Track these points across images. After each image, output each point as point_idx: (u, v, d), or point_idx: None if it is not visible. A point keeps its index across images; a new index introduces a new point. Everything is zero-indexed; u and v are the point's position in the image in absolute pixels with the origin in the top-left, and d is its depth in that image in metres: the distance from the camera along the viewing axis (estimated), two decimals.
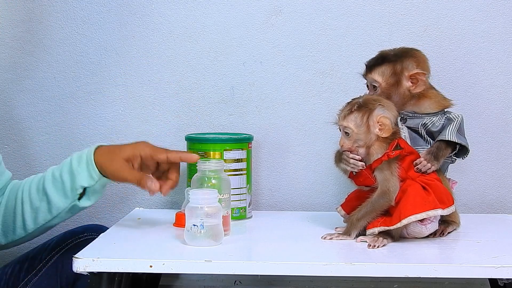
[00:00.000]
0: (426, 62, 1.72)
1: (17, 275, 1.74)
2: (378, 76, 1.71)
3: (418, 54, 1.72)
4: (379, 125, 1.61)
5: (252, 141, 1.91)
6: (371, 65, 1.72)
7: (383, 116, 1.61)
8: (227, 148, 1.84)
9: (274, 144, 2.05)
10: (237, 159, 1.85)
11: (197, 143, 1.85)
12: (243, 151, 1.86)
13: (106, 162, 1.67)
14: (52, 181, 1.69)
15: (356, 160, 1.63)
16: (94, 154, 1.67)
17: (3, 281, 1.77)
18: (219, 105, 2.04)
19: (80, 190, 1.68)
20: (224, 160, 1.81)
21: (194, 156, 1.72)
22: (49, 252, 1.78)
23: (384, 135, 1.61)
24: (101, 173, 1.67)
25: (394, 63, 1.70)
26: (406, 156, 1.62)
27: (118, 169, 1.66)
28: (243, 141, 1.87)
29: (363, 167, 1.63)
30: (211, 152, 1.83)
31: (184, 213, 1.61)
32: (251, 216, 1.89)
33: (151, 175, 1.68)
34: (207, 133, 1.94)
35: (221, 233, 1.58)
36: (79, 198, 1.69)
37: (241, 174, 1.85)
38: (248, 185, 1.88)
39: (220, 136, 1.89)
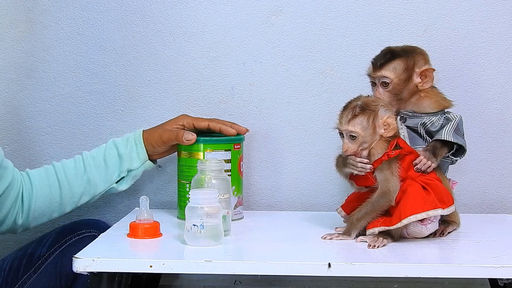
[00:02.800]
0: (429, 61, 1.73)
1: (16, 272, 1.74)
2: (390, 72, 1.70)
3: (424, 52, 1.73)
4: (384, 125, 1.61)
5: (243, 142, 1.88)
6: (382, 62, 1.71)
7: (390, 117, 1.61)
8: (208, 149, 1.81)
9: (274, 144, 2.05)
10: (220, 160, 1.79)
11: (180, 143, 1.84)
12: (227, 152, 1.83)
13: (151, 134, 1.85)
14: (94, 165, 1.84)
15: (364, 163, 1.62)
16: (142, 135, 1.86)
17: (2, 278, 1.77)
18: (219, 105, 2.04)
19: (125, 174, 1.85)
20: (206, 161, 1.76)
21: (232, 131, 1.85)
22: (48, 248, 1.78)
23: (389, 135, 1.61)
24: (147, 153, 1.85)
25: (406, 59, 1.70)
26: (406, 156, 1.63)
27: (161, 134, 1.84)
28: (227, 142, 1.84)
29: (371, 169, 1.62)
30: (194, 152, 1.82)
31: (139, 223, 1.64)
32: (242, 217, 1.87)
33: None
34: (200, 134, 1.89)
35: (221, 233, 1.58)
36: (117, 181, 1.86)
37: None
38: (234, 186, 1.84)
39: (206, 137, 1.85)
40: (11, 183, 1.76)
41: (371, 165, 1.62)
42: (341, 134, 1.65)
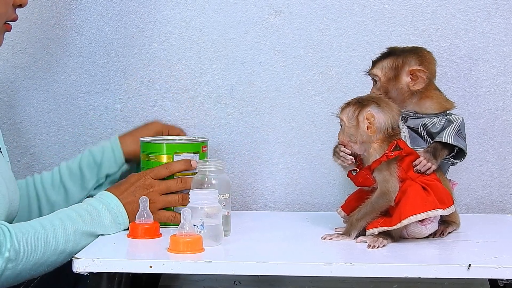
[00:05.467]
0: (431, 63, 1.72)
1: None
2: (378, 70, 1.72)
3: (425, 54, 1.73)
4: (368, 122, 1.61)
5: (207, 145, 1.82)
6: (375, 60, 1.74)
7: (370, 113, 1.61)
8: (177, 151, 1.76)
9: (273, 144, 2.05)
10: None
11: (148, 146, 1.78)
12: (195, 154, 1.79)
13: (128, 140, 1.86)
14: (70, 175, 1.85)
15: (346, 153, 1.63)
16: (119, 140, 1.85)
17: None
18: (218, 106, 2.04)
19: (103, 180, 1.84)
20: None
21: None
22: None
23: (371, 134, 1.61)
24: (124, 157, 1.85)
25: (396, 58, 1.71)
26: (406, 157, 1.62)
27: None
28: (195, 144, 1.78)
29: (352, 161, 1.63)
30: (162, 156, 1.76)
31: (139, 223, 1.63)
32: None
33: None
34: (162, 138, 1.86)
35: (221, 233, 1.58)
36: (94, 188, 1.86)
37: None
38: None
39: (172, 140, 1.83)
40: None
41: (352, 157, 1.63)
42: None
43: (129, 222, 1.65)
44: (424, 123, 1.70)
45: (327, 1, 2.01)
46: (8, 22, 1.67)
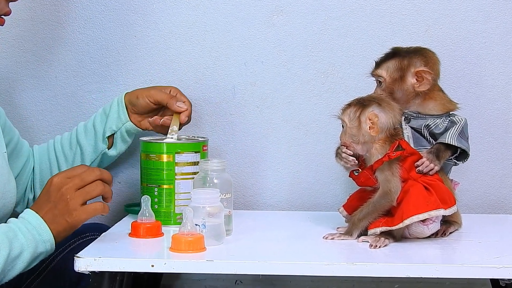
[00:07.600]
0: (436, 64, 1.72)
1: (20, 276, 1.73)
2: (383, 71, 1.72)
3: (430, 54, 1.73)
4: (371, 122, 1.61)
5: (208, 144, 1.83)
6: (379, 61, 1.73)
7: (373, 113, 1.61)
8: (179, 150, 1.77)
9: (275, 144, 2.05)
10: (190, 162, 1.77)
11: (149, 145, 1.78)
12: (196, 154, 1.79)
13: (135, 93, 1.85)
14: (85, 132, 1.86)
15: (348, 155, 1.63)
16: (124, 96, 1.85)
17: (6, 282, 1.76)
18: (220, 105, 2.04)
19: (109, 133, 1.84)
20: (176, 163, 1.75)
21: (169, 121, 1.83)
22: (52, 252, 1.77)
23: (373, 134, 1.61)
24: (128, 115, 1.84)
25: (401, 59, 1.70)
26: (408, 157, 1.62)
27: (147, 93, 1.84)
28: (196, 144, 1.79)
29: (354, 162, 1.63)
30: (162, 155, 1.76)
31: (141, 223, 1.63)
32: None
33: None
34: (163, 137, 1.85)
35: (223, 232, 1.58)
36: (108, 148, 1.86)
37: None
38: None
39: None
40: (27, 159, 1.86)
41: (353, 159, 1.63)
42: None
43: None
44: (427, 124, 1.70)
45: (329, 1, 2.01)
46: (2, 16, 1.67)
